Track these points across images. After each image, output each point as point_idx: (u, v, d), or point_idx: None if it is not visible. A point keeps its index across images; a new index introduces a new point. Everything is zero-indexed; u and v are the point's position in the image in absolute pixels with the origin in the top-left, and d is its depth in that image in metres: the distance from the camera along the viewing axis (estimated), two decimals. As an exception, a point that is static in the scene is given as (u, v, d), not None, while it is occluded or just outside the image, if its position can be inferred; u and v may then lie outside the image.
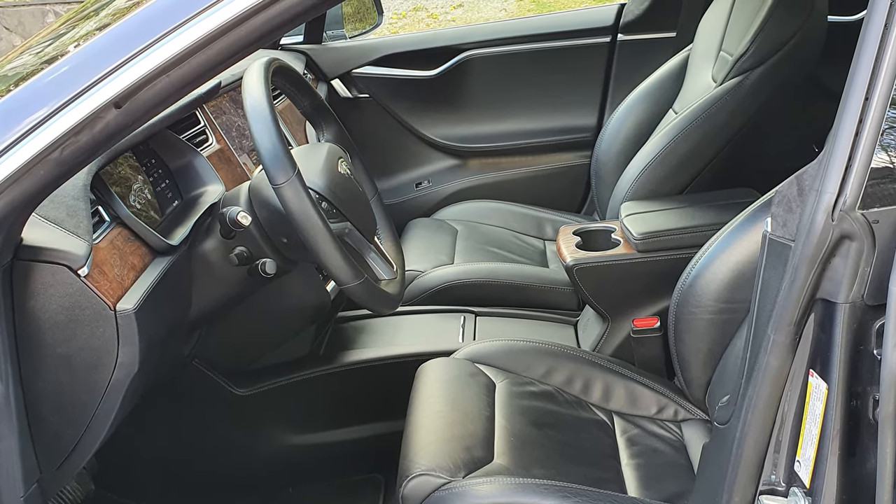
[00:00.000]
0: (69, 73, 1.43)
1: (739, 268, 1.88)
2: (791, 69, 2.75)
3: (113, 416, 1.80)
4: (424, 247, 3.31)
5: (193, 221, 2.09)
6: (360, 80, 4.03)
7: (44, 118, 1.40)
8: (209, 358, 2.51)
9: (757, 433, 1.44)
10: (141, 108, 1.43)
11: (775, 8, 2.67)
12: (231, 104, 2.85)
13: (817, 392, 1.33)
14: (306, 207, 1.82)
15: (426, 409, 2.14)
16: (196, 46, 1.40)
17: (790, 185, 1.37)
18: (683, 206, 2.71)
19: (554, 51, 3.95)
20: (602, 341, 2.72)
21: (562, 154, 3.99)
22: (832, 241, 1.27)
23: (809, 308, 1.34)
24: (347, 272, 1.88)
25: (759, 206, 1.89)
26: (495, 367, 2.32)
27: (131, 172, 2.09)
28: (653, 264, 2.58)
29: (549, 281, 3.06)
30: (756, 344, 1.45)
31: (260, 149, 1.81)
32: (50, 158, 1.41)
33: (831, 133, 1.28)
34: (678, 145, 2.82)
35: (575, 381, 2.30)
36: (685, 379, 2.06)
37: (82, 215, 1.74)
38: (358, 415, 2.79)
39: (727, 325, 1.91)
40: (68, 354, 1.70)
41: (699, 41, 3.17)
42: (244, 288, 2.20)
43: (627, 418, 2.23)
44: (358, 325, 2.94)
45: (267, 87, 1.90)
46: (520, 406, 2.17)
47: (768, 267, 1.43)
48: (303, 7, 1.43)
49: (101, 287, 1.72)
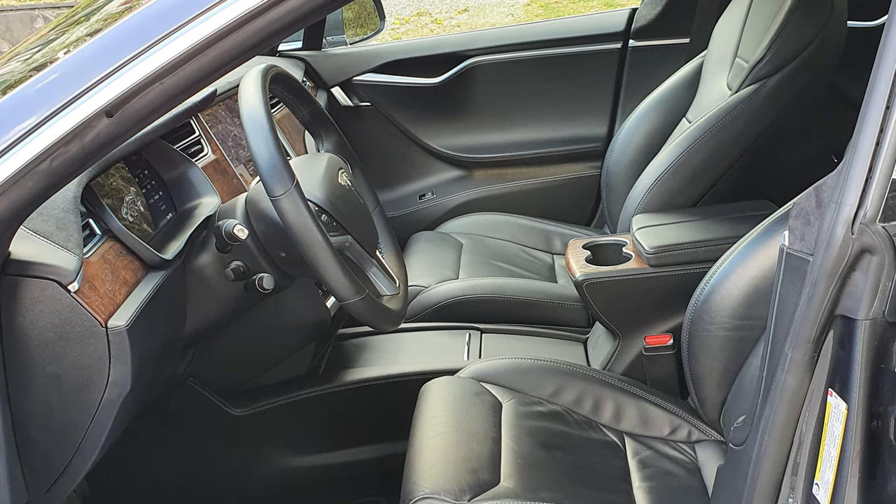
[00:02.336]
0: (59, 81, 1.43)
1: (756, 283, 1.88)
2: (809, 76, 2.75)
3: (104, 438, 1.80)
4: (428, 261, 3.30)
5: (188, 235, 2.09)
6: (361, 88, 4.04)
7: (32, 127, 1.40)
8: (204, 377, 2.50)
9: (774, 455, 1.44)
10: (133, 116, 1.43)
11: (793, 13, 2.67)
12: (227, 113, 2.85)
13: (836, 412, 1.33)
14: (305, 220, 1.82)
15: (430, 430, 2.14)
16: (191, 53, 1.40)
17: (808, 196, 1.37)
18: (697, 218, 2.71)
19: (563, 57, 3.96)
20: (613, 359, 2.72)
21: (571, 165, 4.00)
22: (852, 256, 1.27)
23: (828, 325, 1.34)
24: (348, 287, 1.88)
25: (776, 218, 1.89)
26: (502, 386, 2.32)
27: (123, 184, 2.09)
28: (665, 279, 2.58)
29: (557, 297, 3.06)
30: (773, 362, 1.45)
31: (257, 159, 1.81)
32: (39, 169, 1.41)
33: (851, 143, 1.28)
34: (692, 156, 2.82)
35: (584, 400, 2.29)
36: (699, 398, 2.05)
37: (72, 228, 1.73)
38: (359, 436, 2.78)
39: (743, 343, 1.91)
40: (58, 373, 1.70)
41: (714, 47, 3.17)
42: (241, 304, 2.20)
43: (639, 439, 2.23)
44: (359, 342, 2.94)
45: (264, 95, 1.90)
46: (527, 427, 2.17)
47: (786, 282, 1.43)
48: (302, 12, 1.43)
49: (92, 303, 1.72)
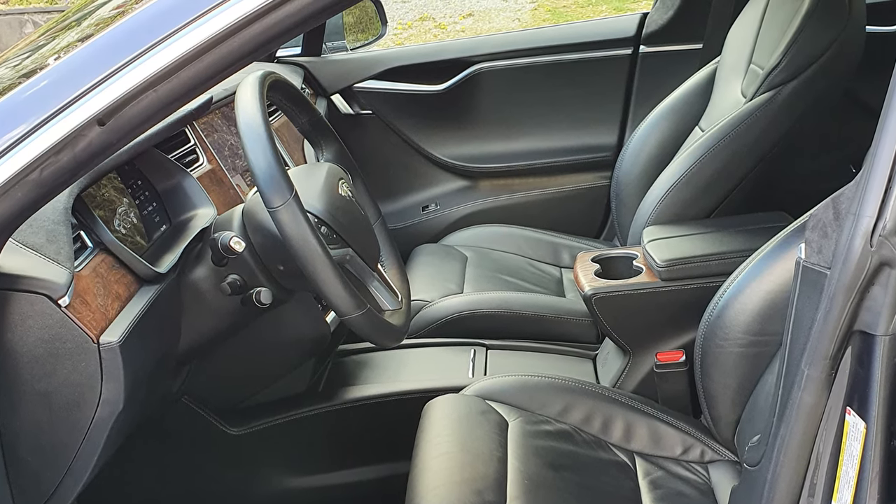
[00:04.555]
0: (49, 88, 1.43)
1: (771, 297, 1.88)
2: (826, 83, 2.75)
3: (96, 458, 1.80)
4: (432, 275, 3.30)
5: (183, 247, 2.09)
6: (362, 96, 4.04)
7: (21, 136, 1.40)
8: (200, 394, 2.50)
9: (790, 475, 1.44)
10: (126, 125, 1.43)
11: (809, 17, 2.67)
12: (223, 121, 2.85)
13: (855, 431, 1.33)
14: (304, 232, 1.81)
15: (433, 450, 2.14)
16: (186, 59, 1.40)
17: (825, 208, 1.37)
18: (710, 230, 2.71)
19: (571, 64, 3.96)
20: (623, 376, 2.72)
21: (579, 175, 4.00)
22: (871, 269, 1.27)
23: (846, 341, 1.34)
24: (349, 302, 1.88)
25: (792, 231, 1.89)
26: (508, 404, 2.32)
27: (116, 194, 2.09)
28: (678, 294, 2.58)
29: (565, 311, 3.06)
30: (789, 379, 1.44)
31: (254, 169, 1.81)
32: (28, 179, 1.41)
33: (869, 152, 1.28)
34: (705, 165, 2.82)
35: (594, 419, 2.29)
36: (712, 417, 2.05)
37: (63, 241, 1.73)
38: (360, 456, 2.78)
39: (758, 360, 1.91)
40: (48, 391, 1.70)
41: (727, 53, 3.17)
42: (237, 319, 2.20)
43: (650, 459, 2.22)
44: (360, 359, 2.94)
45: (262, 102, 1.90)
46: (534, 446, 2.16)
47: (802, 296, 1.43)
48: (301, 16, 1.43)
49: (84, 318, 1.72)
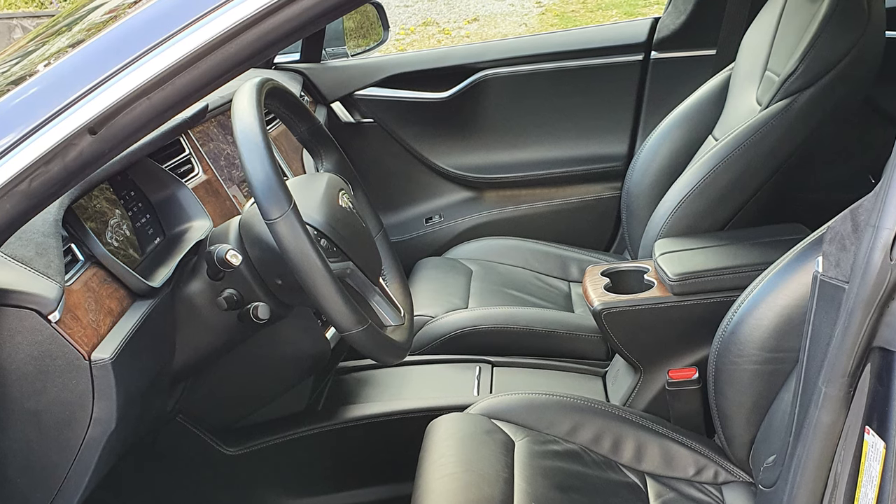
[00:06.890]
0: (39, 96, 1.43)
1: (787, 312, 1.88)
2: (844, 91, 2.74)
3: (87, 479, 1.80)
4: (435, 289, 3.30)
5: (177, 261, 2.09)
6: (363, 103, 4.05)
7: (10, 145, 1.39)
8: (195, 413, 2.50)
9: (807, 497, 1.43)
10: (119, 134, 1.43)
11: (827, 22, 2.67)
12: (219, 130, 2.86)
13: (874, 451, 1.33)
14: (303, 245, 1.81)
15: (437, 471, 2.14)
16: (180, 65, 1.40)
17: (844, 220, 1.37)
18: (724, 243, 2.71)
19: (580, 70, 3.97)
20: (634, 394, 2.71)
21: (588, 186, 4.00)
22: (891, 283, 1.27)
23: (865, 357, 1.34)
24: (349, 317, 1.88)
25: (809, 243, 1.89)
26: (514, 423, 2.32)
27: (108, 206, 2.09)
28: (690, 309, 2.57)
29: (574, 327, 3.06)
30: (806, 398, 1.44)
31: (251, 180, 1.81)
32: (17, 190, 1.41)
33: (889, 162, 1.28)
34: (718, 176, 2.82)
35: (603, 439, 2.29)
36: (726, 437, 2.05)
37: (53, 254, 1.74)
38: (361, 477, 2.78)
39: (773, 377, 1.91)
40: (37, 409, 1.70)
41: (742, 60, 3.17)
42: (234, 335, 2.20)
43: (662, 481, 2.22)
44: (361, 376, 2.94)
45: (259, 110, 1.90)
46: (542, 467, 2.16)
47: (819, 311, 1.43)
48: (300, 21, 1.43)
49: (75, 334, 1.72)
